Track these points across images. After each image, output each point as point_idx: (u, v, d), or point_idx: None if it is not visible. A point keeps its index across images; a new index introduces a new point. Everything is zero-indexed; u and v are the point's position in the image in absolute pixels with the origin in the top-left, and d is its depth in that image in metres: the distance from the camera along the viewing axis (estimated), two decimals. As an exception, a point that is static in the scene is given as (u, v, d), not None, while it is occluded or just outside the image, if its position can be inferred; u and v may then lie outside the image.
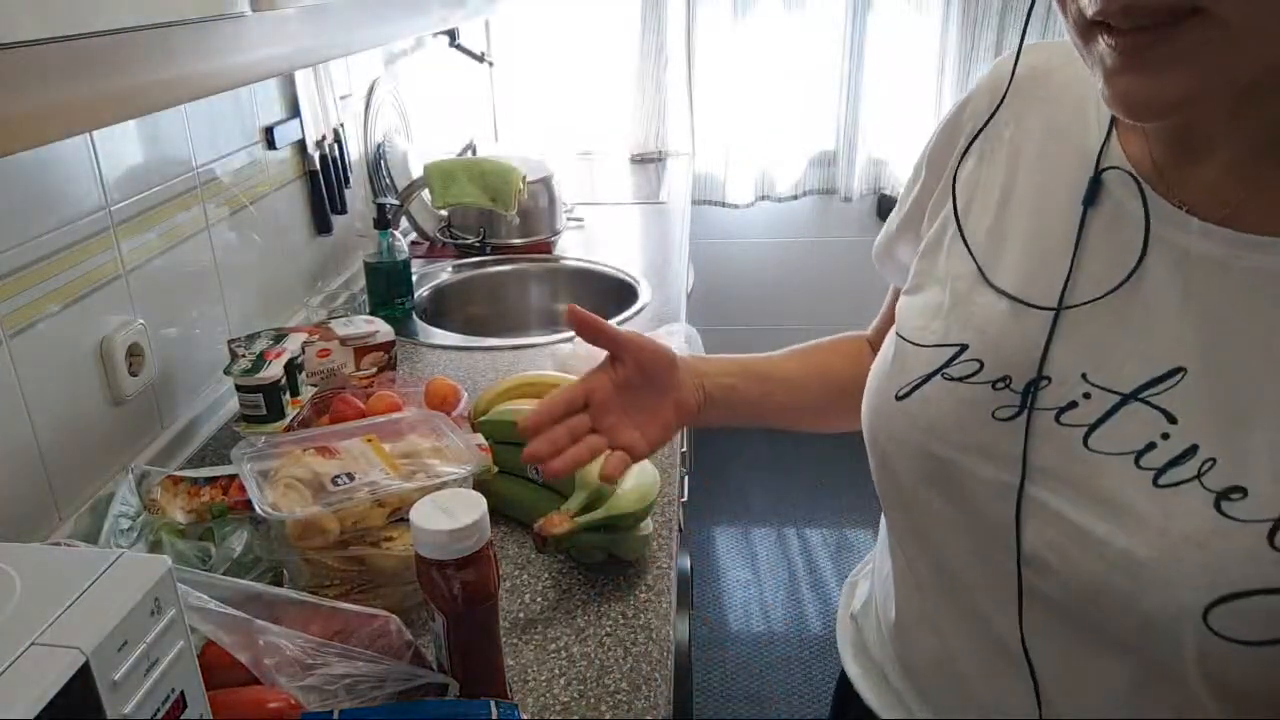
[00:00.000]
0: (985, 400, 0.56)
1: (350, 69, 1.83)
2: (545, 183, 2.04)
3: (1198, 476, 0.48)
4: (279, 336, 1.26)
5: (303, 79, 1.58)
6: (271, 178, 1.49)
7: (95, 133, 1.04)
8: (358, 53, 1.37)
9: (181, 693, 0.55)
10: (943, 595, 0.63)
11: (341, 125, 1.74)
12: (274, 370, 1.18)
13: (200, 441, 1.24)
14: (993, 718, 0.61)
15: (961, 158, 0.63)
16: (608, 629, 0.88)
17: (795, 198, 2.98)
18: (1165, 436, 0.50)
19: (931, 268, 0.63)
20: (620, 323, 1.65)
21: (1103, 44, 0.45)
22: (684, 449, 1.32)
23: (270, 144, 1.47)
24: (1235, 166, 0.50)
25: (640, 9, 2.75)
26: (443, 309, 1.86)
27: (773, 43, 2.78)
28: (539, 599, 0.93)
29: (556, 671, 0.83)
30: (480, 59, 2.55)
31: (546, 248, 2.05)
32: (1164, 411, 0.50)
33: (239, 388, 1.18)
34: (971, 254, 0.60)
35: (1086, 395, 0.53)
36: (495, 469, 1.03)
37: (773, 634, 2.35)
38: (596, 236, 2.17)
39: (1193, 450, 0.49)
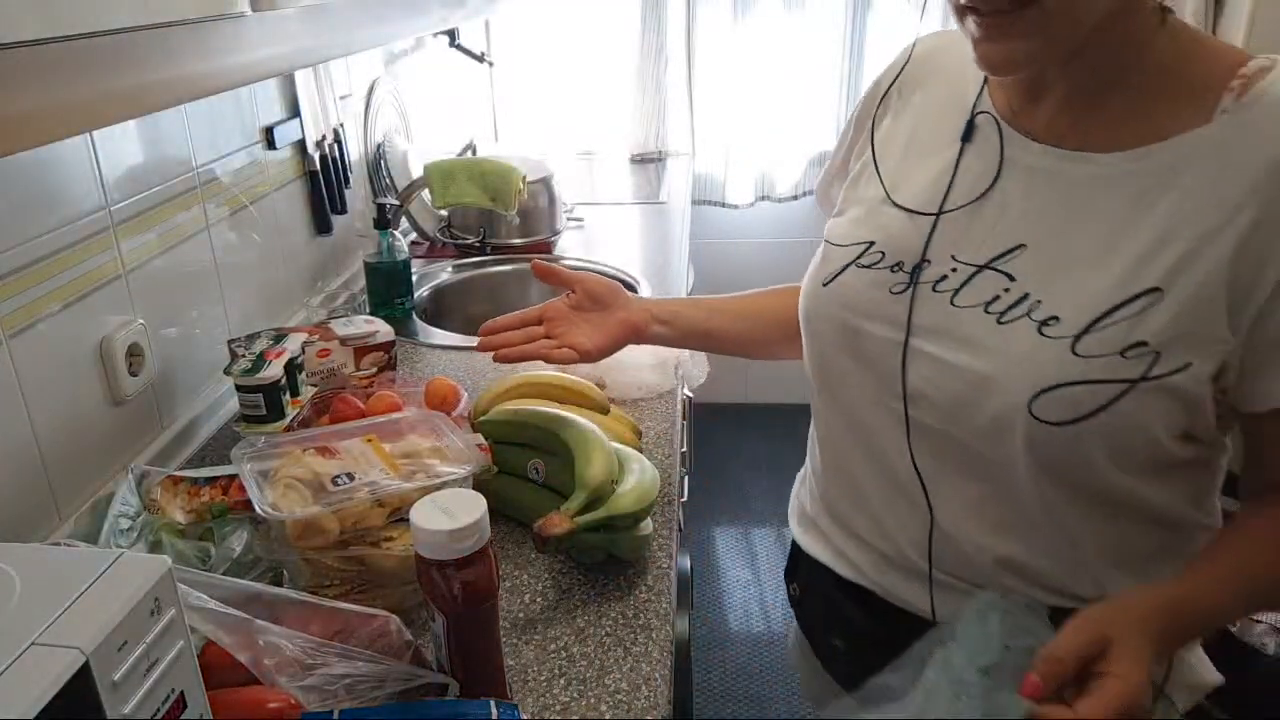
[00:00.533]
0: (885, 281, 0.77)
1: (350, 69, 1.83)
2: (545, 183, 2.04)
3: (1027, 314, 0.69)
4: (279, 336, 1.26)
5: (303, 79, 1.58)
6: (271, 178, 1.49)
7: (95, 133, 1.04)
8: (358, 53, 1.37)
9: (181, 693, 0.55)
10: (853, 443, 0.84)
11: (341, 125, 1.74)
12: (274, 370, 1.18)
13: (200, 441, 1.24)
14: (897, 538, 0.82)
15: (875, 116, 0.86)
16: (608, 629, 0.88)
17: (795, 198, 2.97)
18: (1006, 290, 0.71)
19: (854, 194, 0.85)
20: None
21: (970, 22, 0.66)
22: (684, 449, 1.32)
23: (270, 144, 1.47)
24: (1064, 104, 0.71)
25: (640, 9, 2.75)
26: (443, 309, 1.86)
27: (773, 43, 2.78)
28: (539, 599, 0.93)
29: (556, 671, 0.83)
30: (480, 59, 2.55)
31: (546, 248, 2.05)
32: (1006, 274, 0.71)
33: (239, 388, 1.18)
34: (881, 181, 0.81)
35: (954, 269, 0.74)
36: (495, 469, 1.03)
37: (772, 634, 2.35)
38: (596, 236, 2.17)
39: (1025, 298, 0.70)
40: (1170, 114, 0.67)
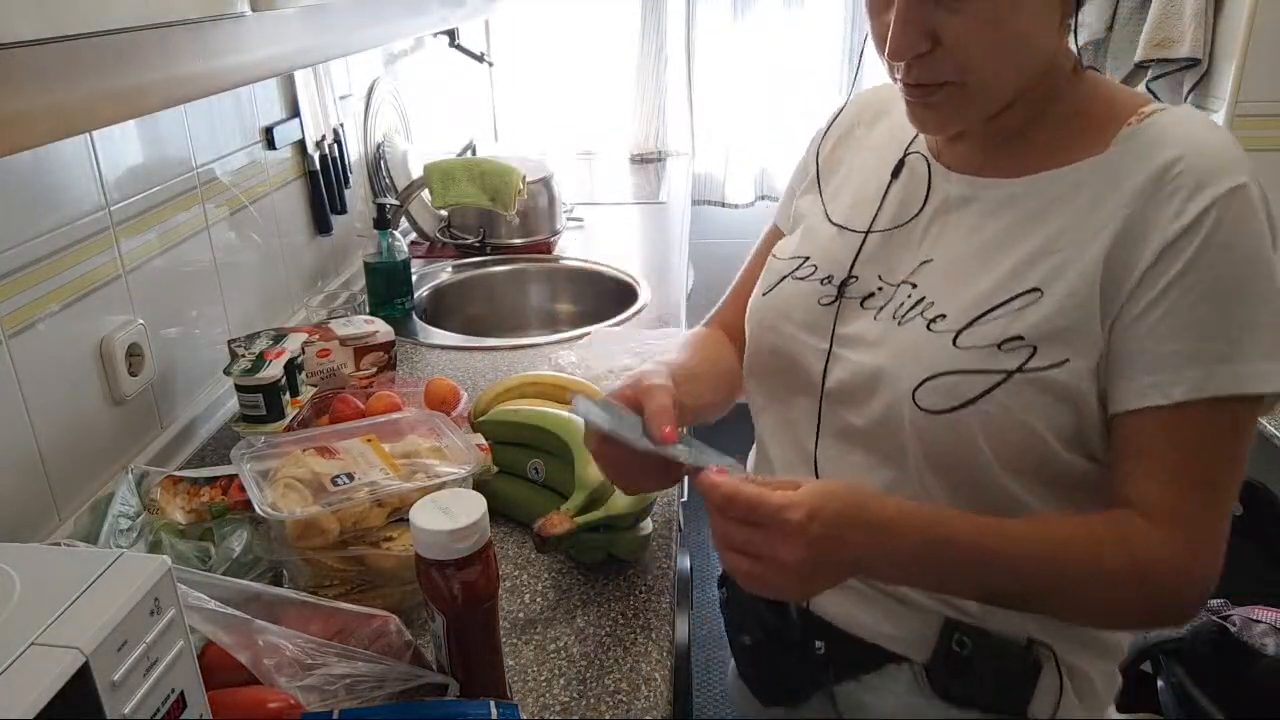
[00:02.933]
0: (815, 293, 0.83)
1: (350, 69, 1.83)
2: (545, 183, 2.04)
3: (920, 313, 0.75)
4: (279, 336, 1.26)
5: (303, 79, 1.58)
6: (271, 178, 1.49)
7: (95, 133, 1.04)
8: (358, 53, 1.37)
9: (181, 693, 0.55)
10: (778, 435, 0.88)
11: (341, 125, 1.74)
12: (274, 370, 1.18)
13: (200, 441, 1.24)
14: None
15: (820, 148, 0.94)
16: (608, 629, 0.88)
17: (795, 198, 2.97)
18: (909, 296, 0.77)
19: (799, 216, 0.92)
20: (620, 322, 1.65)
21: (900, 87, 0.74)
22: (684, 449, 1.32)
23: (270, 144, 1.47)
24: (981, 142, 0.78)
25: (640, 9, 2.75)
26: (442, 309, 1.86)
27: (773, 43, 2.78)
28: (539, 599, 0.93)
29: (556, 671, 0.83)
30: (480, 59, 2.55)
31: (546, 248, 2.05)
32: (912, 284, 0.78)
33: (239, 388, 1.18)
34: (821, 198, 0.89)
35: (880, 289, 0.80)
36: (495, 469, 1.03)
37: (772, 634, 2.34)
38: (596, 236, 2.17)
39: (921, 301, 0.76)
40: (1075, 146, 0.73)
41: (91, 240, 1.04)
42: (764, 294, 0.87)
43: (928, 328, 0.74)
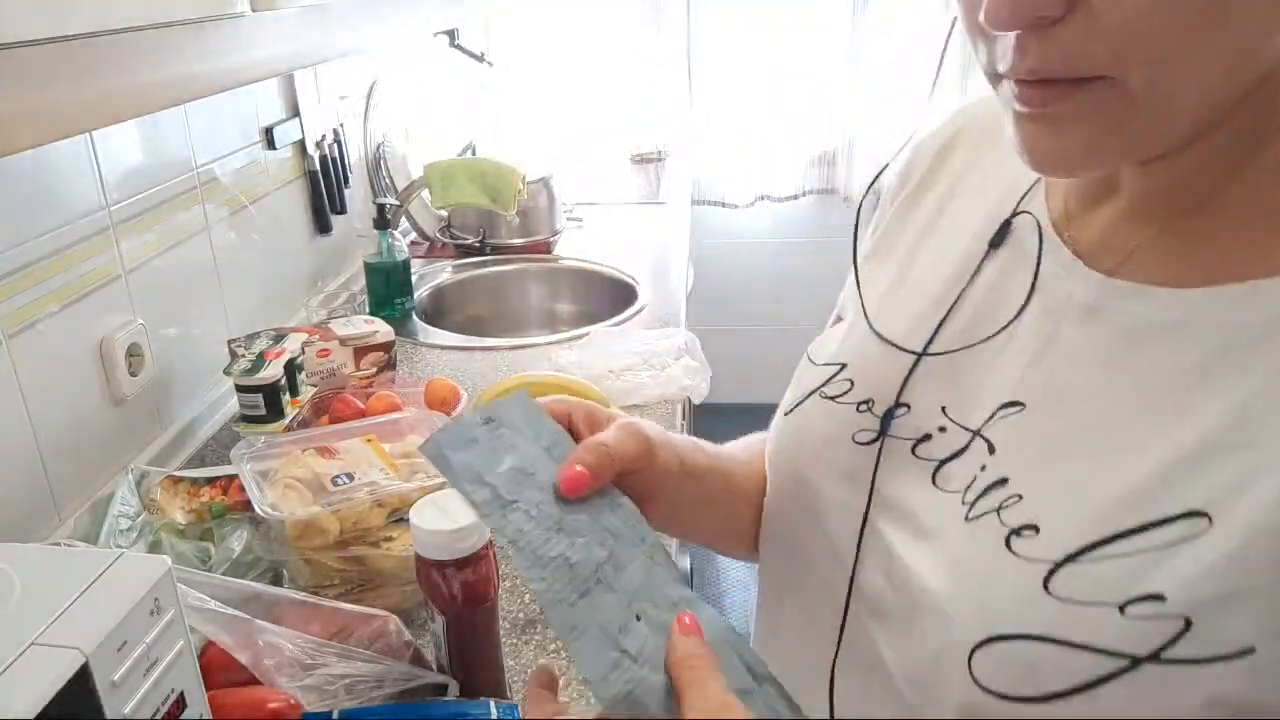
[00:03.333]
0: (849, 421, 0.56)
1: (350, 69, 1.83)
2: (545, 183, 2.04)
3: (998, 510, 0.46)
4: (279, 336, 1.26)
5: (303, 79, 1.58)
6: (271, 178, 1.49)
7: (95, 133, 1.04)
8: (357, 53, 1.37)
9: (181, 693, 0.55)
10: (794, 632, 0.61)
11: (341, 125, 1.74)
12: (274, 370, 1.18)
13: (200, 441, 1.24)
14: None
15: (882, 193, 0.67)
16: (608, 629, 0.88)
17: (795, 198, 2.98)
18: (983, 468, 0.48)
19: (846, 300, 0.66)
20: (620, 323, 1.65)
21: (1008, 90, 0.44)
22: (684, 449, 1.32)
23: (270, 144, 1.47)
24: (1129, 215, 0.48)
25: (640, 9, 2.75)
26: (442, 309, 1.86)
27: (773, 43, 2.78)
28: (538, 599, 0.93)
29: (556, 672, 0.83)
30: (480, 59, 2.55)
31: (546, 248, 2.05)
32: (988, 441, 0.49)
33: (239, 388, 1.18)
34: (859, 290, 0.61)
35: (942, 429, 0.52)
36: (495, 469, 1.03)
37: (772, 634, 2.35)
38: (596, 236, 2.17)
39: (1002, 483, 0.47)
40: None
41: (91, 240, 1.04)
42: (786, 412, 0.62)
43: (1007, 543, 0.44)
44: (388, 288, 1.67)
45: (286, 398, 1.20)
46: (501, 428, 0.51)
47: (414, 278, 1.75)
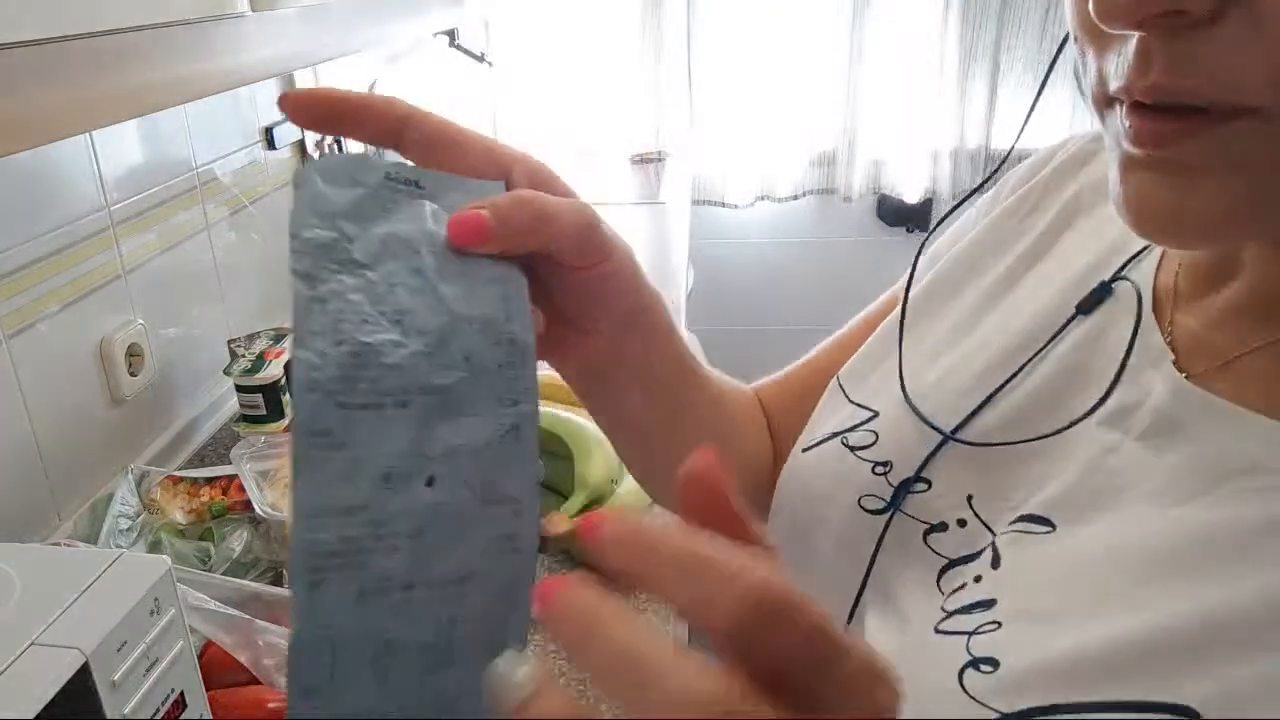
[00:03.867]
0: (861, 483, 0.47)
1: (350, 69, 1.83)
2: (545, 183, 2.04)
3: (971, 634, 0.38)
4: (279, 336, 1.26)
5: (303, 79, 1.58)
6: (271, 178, 1.49)
7: (95, 133, 1.04)
8: (357, 53, 1.37)
9: (181, 693, 0.55)
10: None
11: (341, 125, 1.74)
12: (274, 370, 1.18)
13: (200, 441, 1.24)
14: None
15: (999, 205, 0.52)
16: (608, 629, 0.88)
17: (795, 198, 2.97)
18: (978, 579, 0.40)
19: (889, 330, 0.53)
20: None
21: (1118, 121, 0.32)
22: (684, 449, 1.32)
23: (270, 144, 1.47)
24: (1243, 311, 0.37)
25: (640, 9, 2.75)
26: (443, 309, 1.86)
27: (773, 43, 2.78)
28: (539, 599, 0.93)
29: (556, 671, 0.83)
30: (480, 59, 2.55)
31: (546, 248, 2.05)
32: (996, 552, 0.40)
33: (239, 388, 1.18)
34: (901, 339, 0.50)
35: (962, 522, 0.43)
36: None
37: (773, 634, 2.35)
38: (596, 236, 2.17)
39: (988, 604, 0.38)
40: None
41: (91, 240, 1.04)
42: (804, 449, 0.52)
43: (960, 675, 0.36)
44: (388, 288, 1.66)
45: (286, 398, 1.20)
46: (423, 199, 0.34)
47: (414, 278, 1.75)
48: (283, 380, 1.19)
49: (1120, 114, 0.32)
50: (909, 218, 2.92)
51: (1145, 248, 0.43)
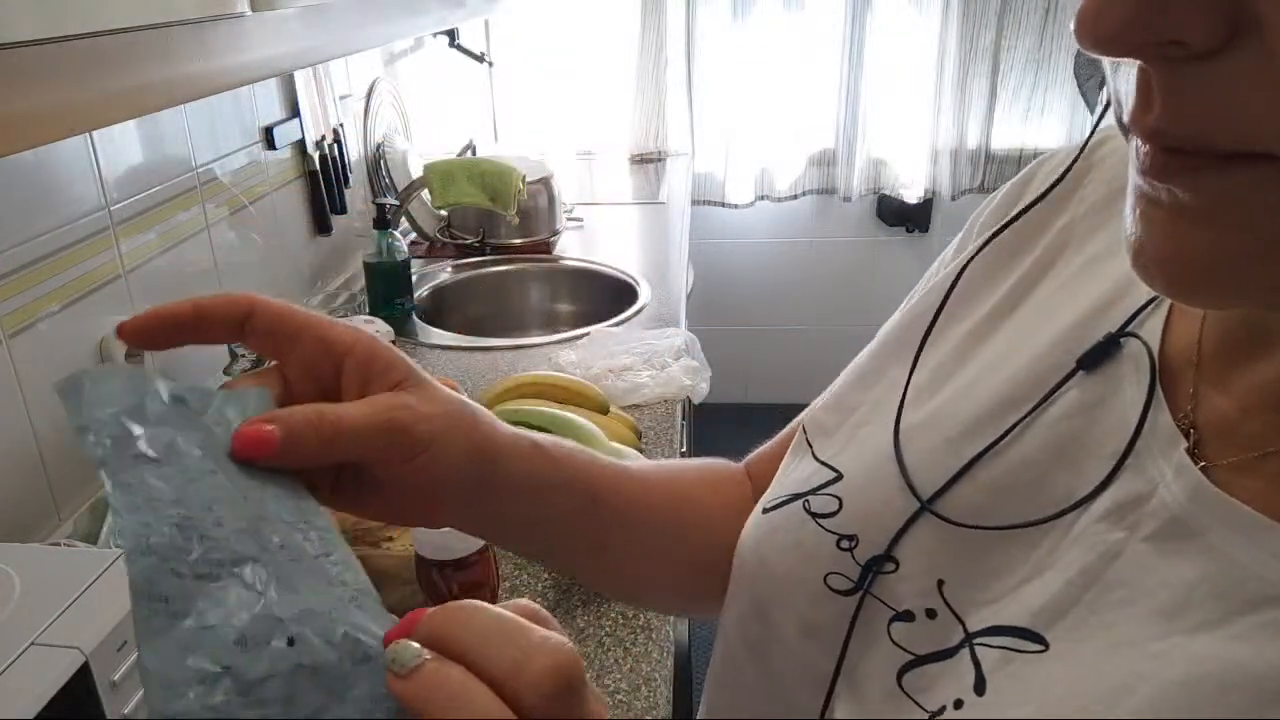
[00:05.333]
0: (825, 557, 0.42)
1: (350, 69, 1.83)
2: (545, 183, 2.04)
3: None
4: (279, 336, 1.26)
5: (303, 79, 1.58)
6: (271, 178, 1.49)
7: (95, 133, 1.04)
8: (357, 53, 1.37)
9: (181, 693, 0.55)
10: None
11: (341, 125, 1.74)
12: (274, 370, 1.18)
13: (200, 441, 1.24)
14: None
15: (979, 246, 0.46)
16: (607, 629, 0.88)
17: (795, 197, 2.98)
18: (959, 704, 0.35)
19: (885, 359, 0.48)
20: (619, 323, 1.65)
21: (1137, 143, 0.28)
22: (684, 449, 1.32)
23: (270, 144, 1.47)
24: (1276, 392, 0.32)
25: (640, 9, 2.75)
26: (442, 309, 1.86)
27: (772, 43, 2.78)
28: (539, 599, 0.93)
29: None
30: (480, 59, 2.55)
31: (546, 248, 2.05)
32: (978, 669, 0.35)
33: (239, 388, 1.18)
34: (913, 365, 0.44)
35: (931, 613, 0.38)
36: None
37: (772, 634, 2.34)
38: (596, 236, 2.17)
39: (963, 706, 0.35)
40: None
41: (92, 240, 1.04)
42: (764, 509, 0.47)
43: None
44: (388, 288, 1.66)
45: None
46: (193, 413, 0.34)
47: (414, 278, 1.75)
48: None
49: (1136, 146, 0.28)
50: (908, 218, 2.92)
51: (1155, 297, 0.37)
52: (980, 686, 0.34)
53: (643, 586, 0.54)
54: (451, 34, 2.33)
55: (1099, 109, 0.34)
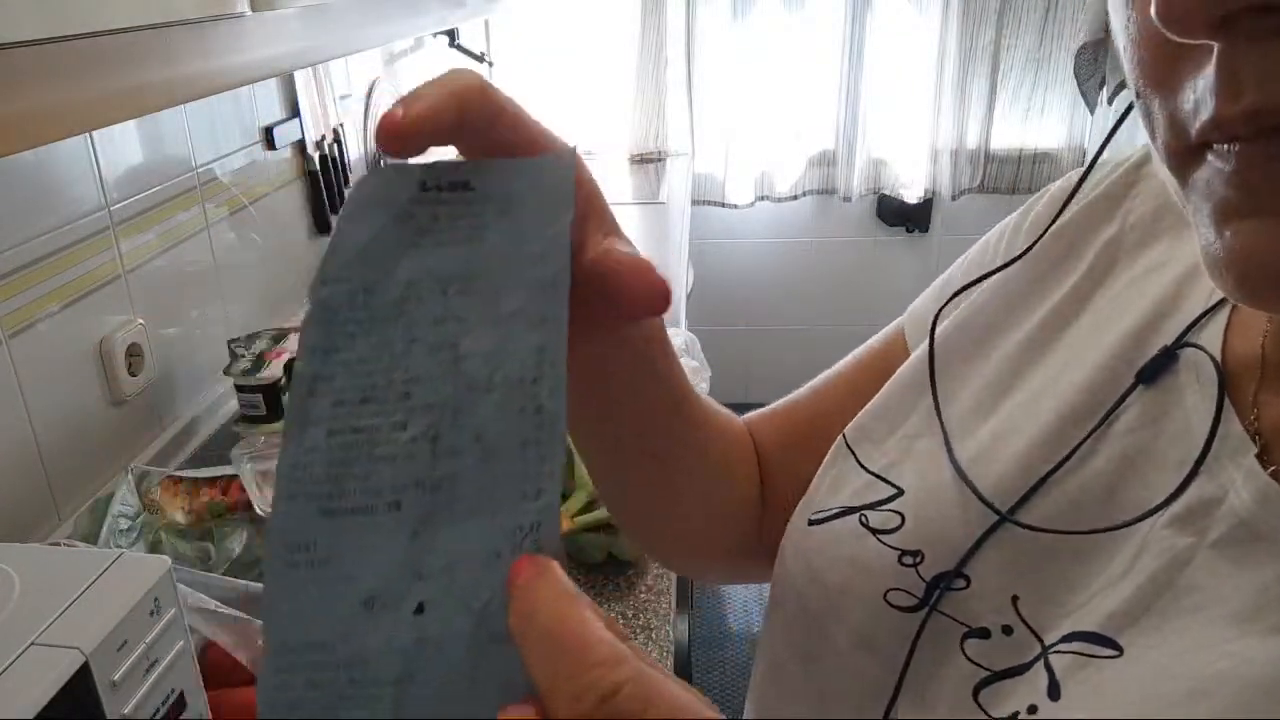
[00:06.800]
0: (886, 573, 0.41)
1: (350, 69, 1.83)
2: (545, 183, 2.04)
3: None
4: (279, 336, 1.26)
5: (303, 79, 1.58)
6: (271, 178, 1.49)
7: (95, 133, 1.04)
8: (358, 53, 1.37)
9: (181, 693, 0.55)
10: None
11: (341, 125, 1.74)
12: (274, 370, 1.18)
13: (200, 441, 1.24)
14: None
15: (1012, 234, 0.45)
16: (608, 629, 0.88)
17: (795, 198, 2.98)
18: (1033, 709, 0.34)
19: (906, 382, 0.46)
20: (620, 323, 1.64)
21: (1210, 168, 0.26)
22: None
23: (270, 144, 1.47)
24: None
25: (640, 9, 2.75)
26: (442, 309, 1.86)
27: (772, 43, 2.78)
28: (539, 599, 0.93)
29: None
30: (480, 59, 2.55)
31: (546, 248, 2.05)
32: (1052, 675, 0.34)
33: (239, 388, 1.18)
34: (934, 391, 0.43)
35: (1007, 630, 0.37)
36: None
37: (772, 634, 2.35)
38: (596, 236, 2.17)
39: None
40: None
41: (91, 240, 1.04)
42: (810, 520, 0.46)
43: None
44: (388, 288, 1.66)
45: (286, 398, 1.21)
46: (471, 203, 0.29)
47: (414, 278, 1.75)
48: (283, 381, 1.19)
49: (1212, 161, 0.26)
50: (909, 217, 2.92)
51: (1212, 307, 0.36)
52: (1054, 691, 0.34)
53: (678, 512, 0.51)
54: (451, 34, 2.33)
55: (1098, 109, 0.34)
